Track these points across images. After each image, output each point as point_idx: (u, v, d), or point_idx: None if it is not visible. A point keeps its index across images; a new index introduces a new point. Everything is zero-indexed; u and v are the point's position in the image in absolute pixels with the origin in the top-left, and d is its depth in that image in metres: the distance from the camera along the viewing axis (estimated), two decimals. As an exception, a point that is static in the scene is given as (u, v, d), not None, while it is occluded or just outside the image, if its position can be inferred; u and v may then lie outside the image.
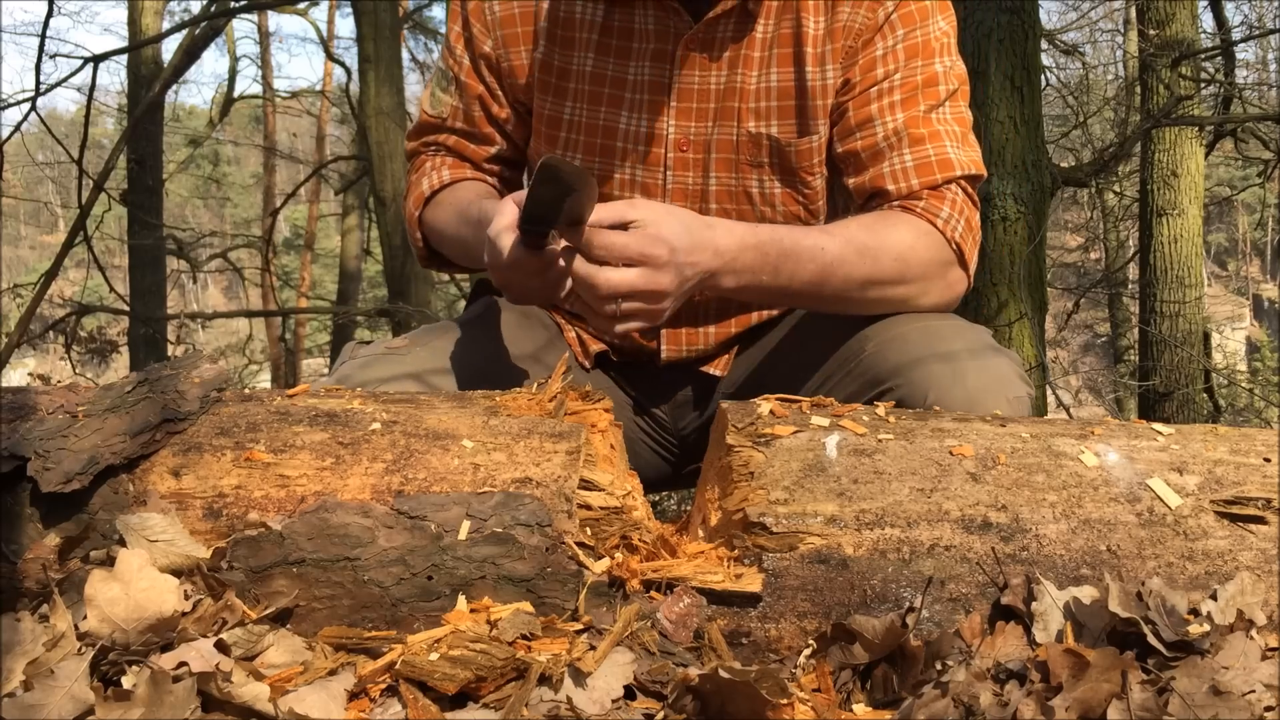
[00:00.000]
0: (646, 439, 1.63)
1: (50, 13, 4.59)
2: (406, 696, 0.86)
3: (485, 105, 1.52)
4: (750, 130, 1.41)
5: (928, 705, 0.85)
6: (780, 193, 1.45)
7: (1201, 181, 6.96)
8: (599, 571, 0.99)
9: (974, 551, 0.99)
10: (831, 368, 1.41)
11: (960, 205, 1.39)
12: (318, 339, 18.19)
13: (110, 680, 0.87)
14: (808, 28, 1.38)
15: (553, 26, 1.44)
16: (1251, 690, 0.85)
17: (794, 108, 1.40)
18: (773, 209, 1.46)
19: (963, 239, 1.39)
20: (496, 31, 1.47)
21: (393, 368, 1.40)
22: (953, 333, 1.34)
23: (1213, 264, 32.43)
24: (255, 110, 20.24)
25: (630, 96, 1.42)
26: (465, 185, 1.52)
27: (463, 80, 1.51)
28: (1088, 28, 11.04)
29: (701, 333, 1.54)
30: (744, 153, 1.43)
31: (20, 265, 29.47)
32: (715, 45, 1.39)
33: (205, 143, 15.26)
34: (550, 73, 1.45)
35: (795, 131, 1.41)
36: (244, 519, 1.00)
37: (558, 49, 1.44)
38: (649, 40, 1.41)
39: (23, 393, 1.08)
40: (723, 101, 1.41)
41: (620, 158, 1.45)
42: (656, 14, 1.39)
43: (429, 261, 1.59)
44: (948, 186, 1.38)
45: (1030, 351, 3.81)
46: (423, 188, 1.53)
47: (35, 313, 4.44)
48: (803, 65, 1.39)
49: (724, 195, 1.45)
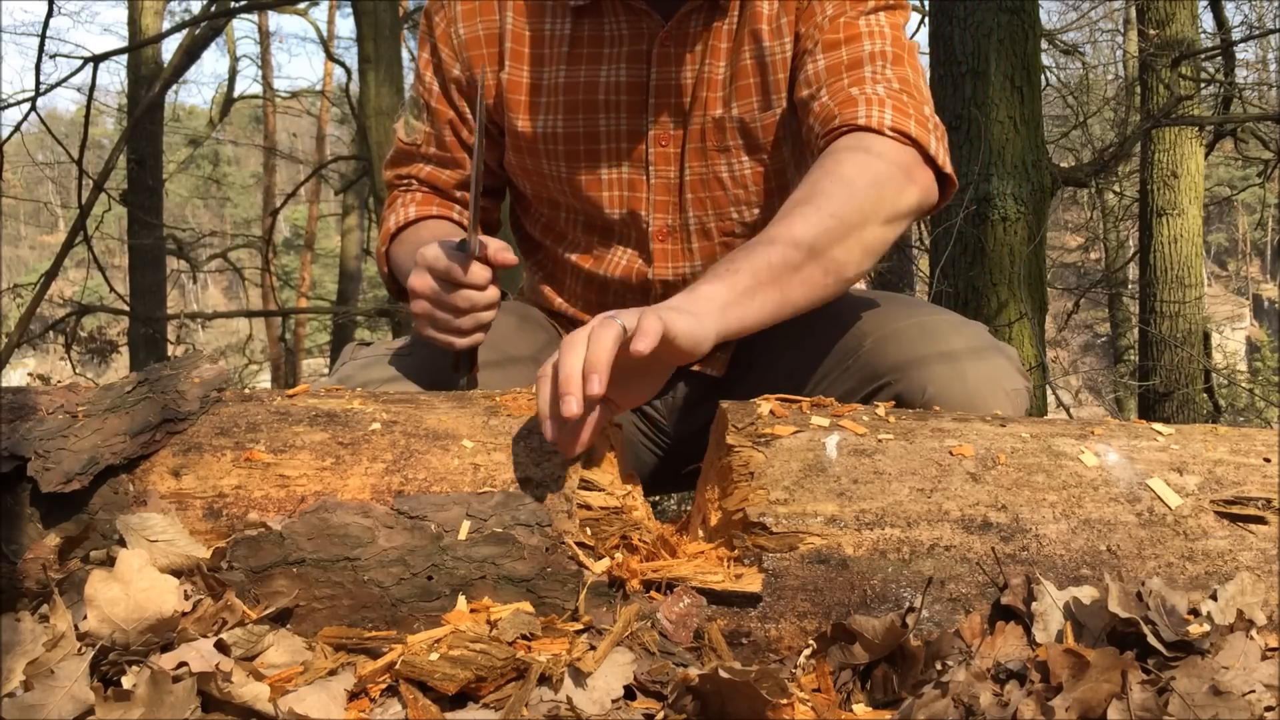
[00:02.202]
0: (646, 441, 1.63)
1: (50, 13, 4.59)
2: (406, 696, 0.86)
3: (456, 130, 1.53)
4: (715, 116, 1.42)
5: (928, 705, 0.85)
6: (750, 173, 1.45)
7: (1201, 181, 6.97)
8: (599, 571, 0.99)
9: (974, 551, 0.99)
10: (830, 365, 1.42)
11: (876, 99, 1.29)
12: (318, 339, 18.19)
13: (110, 680, 0.87)
14: (762, 6, 1.39)
15: (518, 45, 1.45)
16: (1251, 690, 0.85)
17: (755, 85, 1.42)
18: (745, 190, 1.46)
19: (899, 124, 1.27)
20: (463, 54, 1.48)
21: (393, 369, 1.41)
22: (950, 329, 1.34)
23: (1213, 264, 32.44)
24: (255, 110, 20.25)
25: (606, 99, 1.44)
26: (428, 225, 1.54)
27: (433, 106, 1.52)
28: (1088, 28, 11.05)
29: None
30: (710, 139, 1.44)
31: (20, 265, 29.48)
32: (688, 40, 1.41)
33: (205, 143, 15.27)
34: (520, 91, 1.46)
35: (758, 107, 1.42)
36: (244, 519, 1.00)
37: (526, 67, 1.46)
38: (622, 44, 1.42)
39: (23, 393, 1.08)
40: (695, 93, 1.43)
41: (606, 159, 1.46)
42: (628, 19, 1.41)
43: (398, 295, 1.58)
44: (858, 88, 1.31)
45: (1030, 351, 3.81)
46: (390, 224, 1.55)
47: (35, 313, 4.44)
48: (761, 41, 1.40)
49: (697, 184, 1.46)
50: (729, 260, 1.15)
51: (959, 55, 3.94)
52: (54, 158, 13.26)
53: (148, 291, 8.08)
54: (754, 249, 1.16)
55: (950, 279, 3.99)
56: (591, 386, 0.93)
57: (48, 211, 22.23)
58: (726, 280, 1.12)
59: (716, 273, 1.14)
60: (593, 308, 1.57)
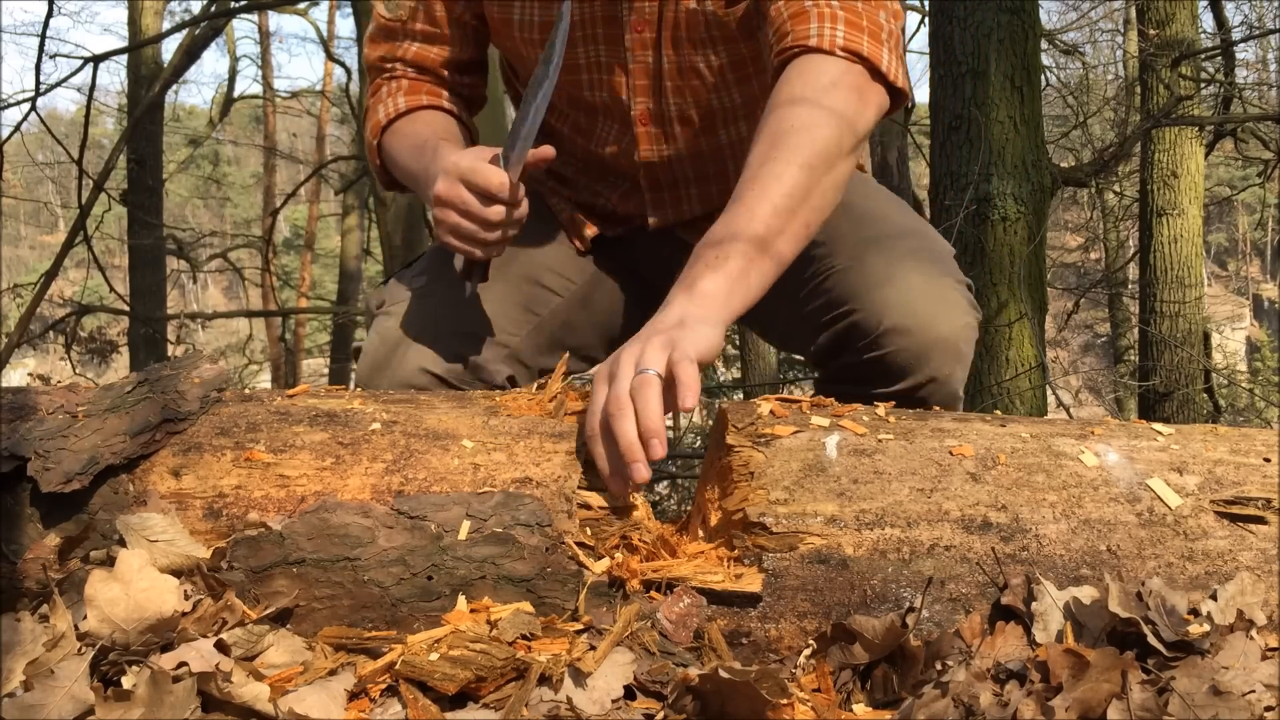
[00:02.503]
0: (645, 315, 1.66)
1: (50, 13, 4.60)
2: (406, 696, 0.86)
3: (448, 1, 1.52)
4: (688, 8, 1.42)
5: (928, 705, 0.85)
6: (727, 62, 1.45)
7: (1201, 181, 6.97)
8: (599, 571, 0.99)
9: (974, 551, 0.99)
10: (817, 267, 1.44)
11: (829, 13, 1.28)
12: (318, 339, 18.19)
13: (110, 680, 0.87)
14: None
15: None
16: (1251, 690, 0.85)
17: None
18: (723, 79, 1.47)
19: (850, 42, 1.26)
20: None
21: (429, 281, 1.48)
22: (913, 259, 1.37)
23: (1213, 264, 32.44)
24: (255, 110, 20.25)
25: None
26: (422, 117, 1.53)
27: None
28: (1088, 28, 11.06)
29: (685, 196, 1.59)
30: (684, 30, 1.43)
31: (20, 265, 29.48)
32: None
33: (205, 143, 15.27)
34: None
35: (725, 2, 1.41)
36: (244, 519, 1.00)
37: None
38: None
39: (23, 393, 1.08)
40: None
41: (583, 45, 1.47)
42: None
43: (390, 185, 1.61)
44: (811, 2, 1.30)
45: (1030, 351, 3.81)
46: (379, 116, 1.54)
47: (35, 313, 4.45)
48: None
49: (674, 73, 1.46)
50: (715, 244, 1.17)
51: (959, 55, 3.94)
52: (54, 158, 13.26)
53: (148, 291, 8.08)
54: (735, 222, 1.17)
55: (950, 279, 3.98)
56: (655, 452, 0.99)
57: (48, 211, 22.24)
58: (721, 269, 1.14)
59: (707, 260, 1.15)
60: (584, 173, 1.62)
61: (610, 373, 1.06)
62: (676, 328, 1.08)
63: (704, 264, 1.15)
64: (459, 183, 1.27)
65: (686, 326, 1.08)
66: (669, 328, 1.08)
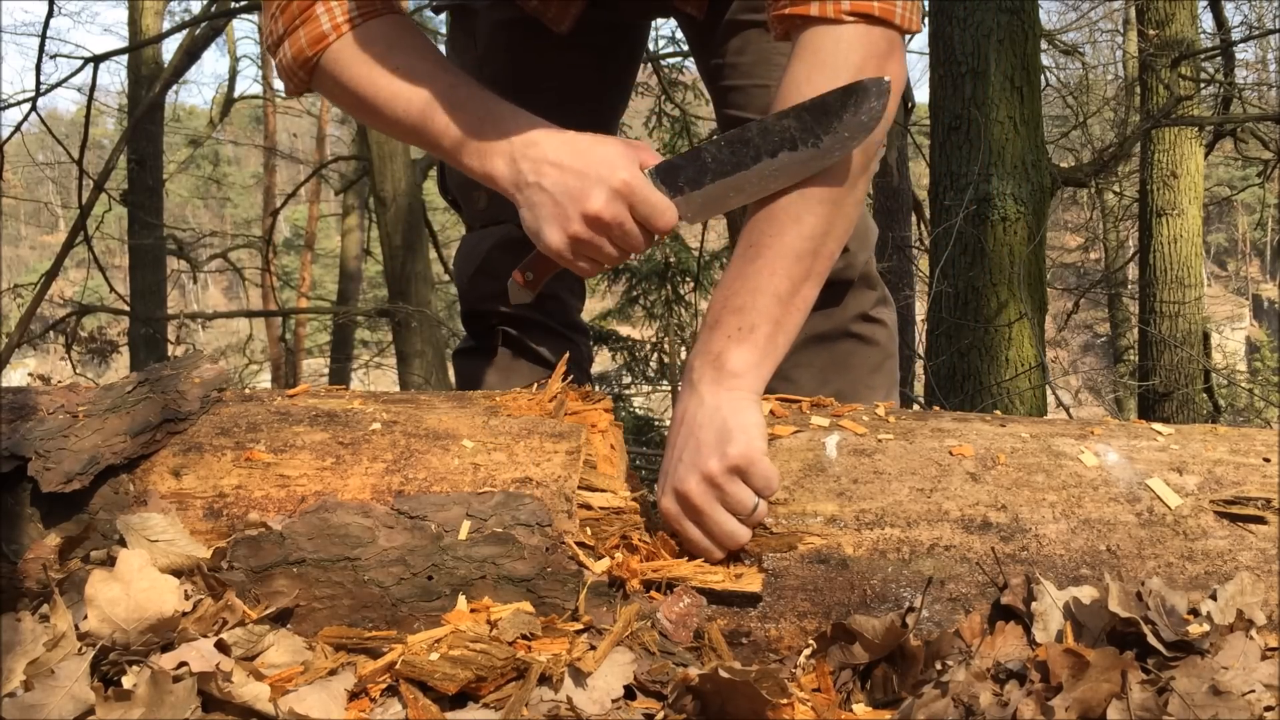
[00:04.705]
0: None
1: (50, 13, 4.60)
2: (406, 696, 0.86)
3: None
4: None
5: (928, 705, 0.85)
6: None
7: (1201, 181, 6.97)
8: (599, 571, 0.99)
9: (974, 551, 0.99)
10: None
11: None
12: (318, 339, 18.17)
13: (110, 680, 0.87)
14: None
15: None
16: (1251, 690, 0.85)
17: None
18: None
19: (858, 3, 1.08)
20: None
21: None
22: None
23: (1213, 264, 32.43)
24: (255, 110, 20.21)
25: None
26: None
27: None
28: (1088, 28, 11.05)
29: None
30: None
31: (20, 265, 29.46)
32: None
33: (205, 143, 15.24)
34: None
35: None
36: (244, 519, 1.00)
37: None
38: None
39: (23, 393, 1.08)
40: None
41: None
42: None
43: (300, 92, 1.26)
44: None
45: (1030, 351, 3.81)
46: (322, 25, 1.18)
47: (35, 313, 4.45)
48: None
49: None
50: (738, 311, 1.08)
51: (959, 55, 3.94)
52: (54, 158, 13.25)
53: (148, 291, 8.08)
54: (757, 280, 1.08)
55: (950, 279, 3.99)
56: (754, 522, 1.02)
57: (48, 211, 22.21)
58: (747, 341, 1.07)
59: (728, 331, 1.08)
60: None
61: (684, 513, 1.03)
62: (722, 442, 1.02)
63: (726, 334, 1.07)
64: (627, 208, 1.10)
65: (732, 439, 1.02)
66: (713, 445, 1.02)
